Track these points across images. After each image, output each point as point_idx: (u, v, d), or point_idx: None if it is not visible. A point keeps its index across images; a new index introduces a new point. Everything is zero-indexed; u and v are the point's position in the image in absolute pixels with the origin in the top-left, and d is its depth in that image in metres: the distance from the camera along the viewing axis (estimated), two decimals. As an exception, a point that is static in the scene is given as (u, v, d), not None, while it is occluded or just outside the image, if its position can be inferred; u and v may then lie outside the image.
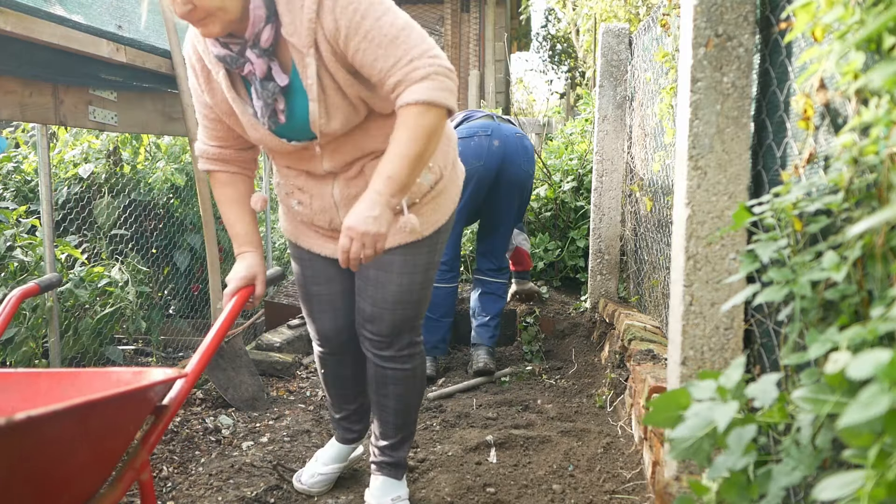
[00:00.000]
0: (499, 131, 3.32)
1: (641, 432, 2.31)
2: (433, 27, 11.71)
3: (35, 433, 1.06)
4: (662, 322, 2.67)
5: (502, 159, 3.28)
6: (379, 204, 1.49)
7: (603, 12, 5.68)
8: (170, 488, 2.18)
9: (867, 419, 0.64)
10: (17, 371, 1.52)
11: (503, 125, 3.39)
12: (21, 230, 2.92)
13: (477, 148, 3.27)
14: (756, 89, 1.50)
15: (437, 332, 3.42)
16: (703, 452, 0.94)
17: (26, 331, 2.71)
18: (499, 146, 3.28)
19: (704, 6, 1.46)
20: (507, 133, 3.34)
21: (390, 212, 1.51)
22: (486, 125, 3.34)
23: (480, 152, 3.26)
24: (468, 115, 3.52)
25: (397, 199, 1.52)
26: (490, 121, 3.39)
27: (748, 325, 1.53)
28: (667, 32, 2.37)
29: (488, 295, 3.54)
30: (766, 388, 0.94)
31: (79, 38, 2.41)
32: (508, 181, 3.33)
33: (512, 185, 3.35)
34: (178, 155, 3.90)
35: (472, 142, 3.28)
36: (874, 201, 0.91)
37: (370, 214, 1.48)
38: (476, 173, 3.24)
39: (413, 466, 2.33)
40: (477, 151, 3.26)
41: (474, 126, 3.35)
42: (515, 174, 3.33)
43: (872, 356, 0.67)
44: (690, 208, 1.50)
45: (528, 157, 3.39)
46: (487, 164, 3.26)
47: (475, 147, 3.26)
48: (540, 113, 13.20)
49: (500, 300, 3.55)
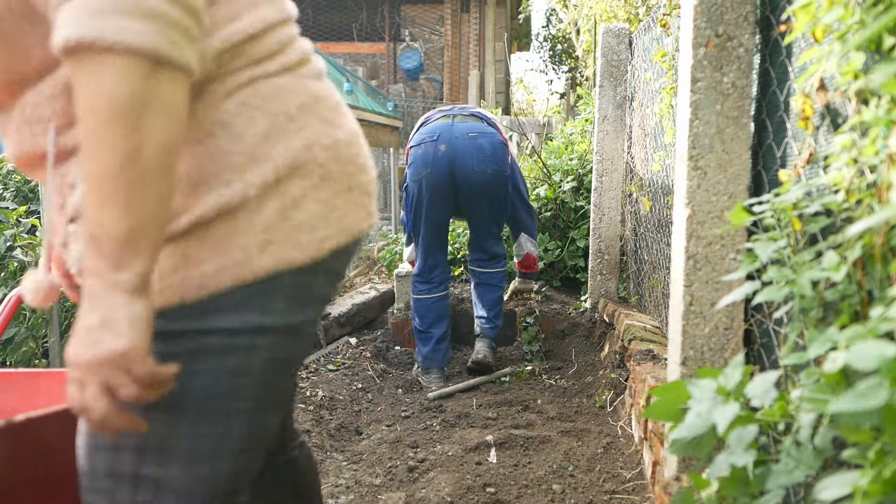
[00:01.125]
0: (448, 134, 3.22)
1: (641, 432, 2.31)
2: (433, 27, 11.71)
3: (35, 434, 1.06)
4: (662, 322, 2.67)
5: (451, 163, 3.19)
6: (99, 299, 0.76)
7: (603, 12, 5.68)
8: (170, 488, 2.18)
9: (863, 410, 0.64)
10: (17, 371, 1.53)
11: (456, 126, 3.26)
12: (21, 230, 2.92)
13: (424, 155, 3.21)
14: (756, 89, 1.51)
15: (427, 344, 3.37)
16: (704, 448, 0.94)
17: (26, 331, 2.71)
18: (445, 150, 3.18)
19: (704, 6, 1.46)
20: (457, 135, 3.22)
21: (129, 299, 0.76)
22: (435, 129, 3.25)
23: (427, 159, 3.20)
24: (427, 118, 3.46)
25: (132, 266, 0.76)
26: (445, 121, 3.29)
27: (748, 326, 1.53)
28: (667, 32, 2.37)
29: (482, 286, 3.51)
30: (766, 388, 0.95)
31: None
32: (465, 184, 3.23)
33: (470, 187, 3.23)
34: (178, 155, 3.89)
35: (420, 150, 3.24)
36: (874, 201, 0.91)
37: (88, 326, 0.76)
38: (426, 181, 3.20)
39: (413, 466, 2.33)
40: (424, 159, 3.20)
41: (424, 132, 3.29)
42: (469, 176, 3.21)
43: (877, 348, 0.67)
44: (690, 208, 1.50)
45: (483, 156, 3.22)
46: (435, 171, 3.18)
47: (423, 155, 3.21)
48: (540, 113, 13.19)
49: (494, 290, 3.51)
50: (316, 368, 3.45)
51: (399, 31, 11.77)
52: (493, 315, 3.49)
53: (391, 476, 2.29)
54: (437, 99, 11.36)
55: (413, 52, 11.31)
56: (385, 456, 2.45)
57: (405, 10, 11.76)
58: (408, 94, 11.31)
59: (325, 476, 2.33)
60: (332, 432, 2.71)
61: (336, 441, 2.66)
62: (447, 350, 3.44)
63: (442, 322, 3.40)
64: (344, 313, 4.03)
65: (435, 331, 3.37)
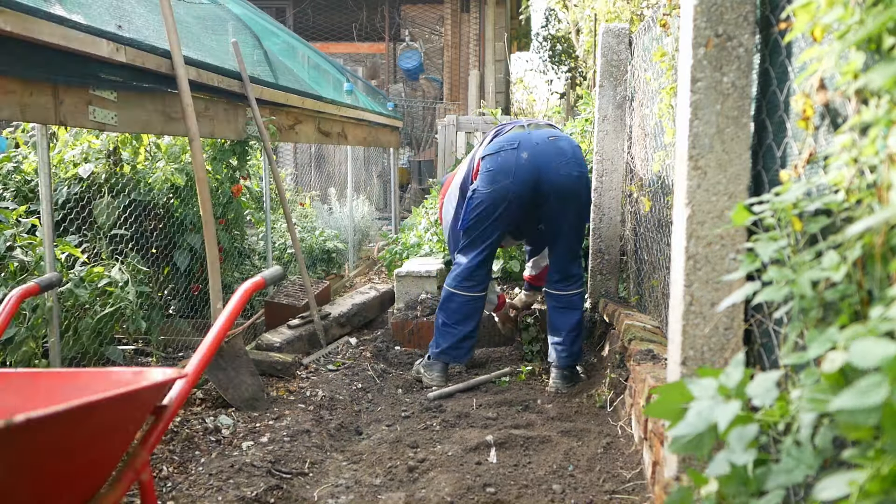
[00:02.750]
0: (528, 141, 3.16)
1: (641, 432, 2.31)
2: (433, 27, 11.71)
3: (35, 434, 1.06)
4: (662, 322, 2.67)
5: (535, 170, 3.10)
6: None
7: (607, 13, 5.68)
8: (170, 488, 2.18)
9: (863, 407, 0.64)
10: (17, 371, 1.53)
11: (533, 133, 3.22)
12: (21, 230, 2.92)
13: (504, 163, 3.13)
14: (756, 89, 1.50)
15: (450, 338, 3.30)
16: (704, 446, 0.94)
17: (26, 331, 2.71)
18: (528, 158, 3.11)
19: (704, 6, 1.46)
20: (537, 140, 3.16)
21: None
22: (514, 137, 3.20)
23: (508, 168, 3.12)
24: (499, 129, 3.40)
25: None
26: (520, 131, 3.24)
27: (748, 326, 1.53)
28: (667, 32, 2.37)
29: (558, 310, 3.30)
30: (767, 387, 0.94)
31: (79, 38, 2.41)
32: (554, 191, 3.12)
33: (561, 194, 3.13)
34: (178, 155, 3.90)
35: (499, 157, 3.15)
36: (874, 201, 0.91)
37: None
38: (506, 191, 3.12)
39: (413, 466, 2.33)
40: (504, 167, 3.13)
41: (500, 140, 3.23)
42: (557, 182, 3.11)
43: (878, 346, 0.67)
44: (690, 208, 1.50)
45: (566, 159, 3.15)
46: (518, 180, 3.10)
47: (503, 162, 3.14)
48: (540, 113, 13.18)
49: (571, 313, 3.28)
50: (316, 368, 3.45)
51: (399, 31, 11.76)
52: (571, 340, 3.25)
53: (391, 476, 2.29)
54: (437, 99, 11.35)
55: (413, 52, 11.31)
56: (385, 456, 2.45)
57: (405, 10, 11.76)
58: (408, 94, 11.30)
59: (325, 476, 2.33)
60: (332, 432, 2.70)
61: (336, 441, 2.65)
62: (471, 349, 3.37)
63: (470, 321, 3.32)
64: (344, 313, 4.03)
65: (462, 328, 3.30)
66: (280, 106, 4.24)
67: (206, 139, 3.68)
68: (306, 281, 3.87)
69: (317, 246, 5.75)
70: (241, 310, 1.76)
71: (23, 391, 1.50)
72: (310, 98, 4.63)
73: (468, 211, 3.27)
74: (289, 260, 5.31)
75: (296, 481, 2.27)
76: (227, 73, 3.49)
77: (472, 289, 3.28)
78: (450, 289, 3.33)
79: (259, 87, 3.82)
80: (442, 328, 3.32)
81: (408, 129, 10.32)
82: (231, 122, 3.68)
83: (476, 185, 3.24)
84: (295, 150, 8.99)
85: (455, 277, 3.31)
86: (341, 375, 3.38)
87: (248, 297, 1.80)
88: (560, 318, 3.28)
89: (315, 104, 4.73)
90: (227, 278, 3.99)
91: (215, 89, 3.41)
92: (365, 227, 7.19)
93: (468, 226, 3.29)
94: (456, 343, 3.30)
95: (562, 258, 3.31)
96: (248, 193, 4.37)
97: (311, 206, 6.83)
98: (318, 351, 3.67)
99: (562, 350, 3.24)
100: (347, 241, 6.31)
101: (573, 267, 3.32)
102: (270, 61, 4.36)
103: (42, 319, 2.75)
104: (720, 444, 0.98)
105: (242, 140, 3.84)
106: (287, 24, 11.38)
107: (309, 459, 2.42)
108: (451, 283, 3.33)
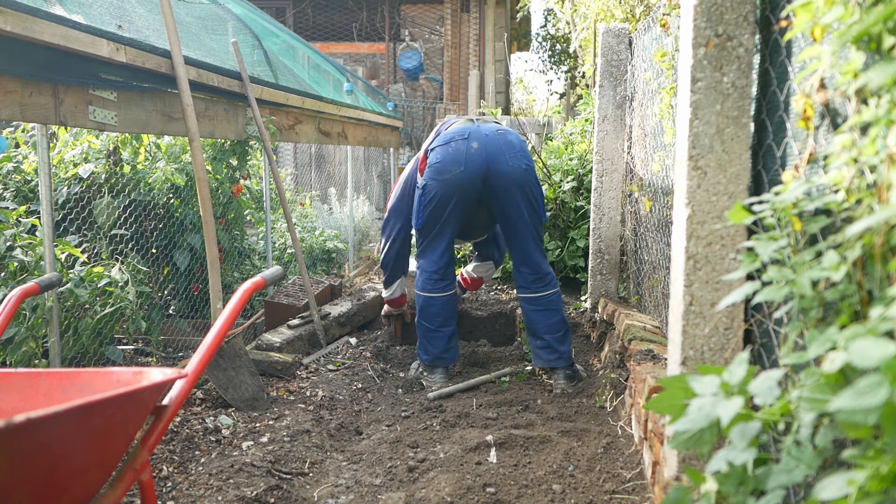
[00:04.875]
0: (477, 133, 3.21)
1: (641, 432, 2.31)
2: (433, 27, 11.71)
3: (35, 435, 1.06)
4: (662, 322, 2.67)
5: (486, 161, 3.15)
6: None
7: (600, 12, 5.69)
8: (170, 488, 2.18)
9: (863, 407, 0.64)
10: (17, 371, 1.52)
11: (482, 126, 3.27)
12: (21, 230, 2.92)
13: (455, 153, 3.17)
14: (756, 89, 1.51)
15: (438, 343, 3.33)
16: (705, 443, 0.94)
17: (26, 331, 2.71)
18: (478, 148, 3.16)
19: (704, 6, 1.46)
20: (486, 132, 3.22)
21: None
22: (464, 129, 3.24)
23: (458, 157, 3.16)
24: (448, 121, 3.45)
25: None
26: (469, 124, 3.29)
27: (748, 326, 1.53)
28: (667, 32, 2.37)
29: (538, 311, 3.24)
30: (770, 385, 0.94)
31: (79, 38, 2.41)
32: (501, 181, 3.17)
33: (508, 185, 3.17)
34: (178, 155, 3.90)
35: (450, 147, 3.19)
36: (874, 201, 0.91)
37: None
38: (457, 181, 3.16)
39: (413, 466, 2.33)
40: (455, 157, 3.17)
41: (450, 132, 3.27)
42: (505, 172, 3.16)
43: (878, 346, 0.67)
44: (690, 208, 1.50)
45: (514, 151, 3.20)
46: (468, 169, 3.14)
47: (453, 153, 3.17)
48: (540, 113, 13.18)
49: (551, 313, 3.22)
50: (316, 368, 3.45)
51: (399, 31, 11.76)
52: (558, 339, 3.19)
53: (391, 476, 2.29)
54: (437, 99, 11.35)
55: (413, 52, 11.31)
56: (385, 456, 2.45)
57: (405, 10, 11.75)
58: (408, 93, 11.31)
59: (325, 476, 2.33)
60: (332, 432, 2.71)
61: (336, 441, 2.66)
62: (456, 347, 3.42)
63: (452, 320, 3.37)
64: (344, 313, 4.03)
65: (447, 328, 3.34)
66: (280, 106, 4.24)
67: (206, 139, 3.68)
68: (306, 281, 3.87)
69: (317, 246, 5.75)
70: (241, 310, 1.76)
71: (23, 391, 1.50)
72: (310, 98, 4.63)
73: (421, 208, 3.28)
74: (289, 260, 5.31)
75: (296, 481, 2.27)
76: (227, 73, 3.49)
77: (446, 288, 3.34)
78: (426, 294, 3.35)
79: (259, 86, 3.82)
80: (428, 334, 3.35)
81: (408, 129, 10.32)
82: (231, 122, 3.68)
83: (425, 178, 3.25)
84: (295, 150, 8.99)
85: (427, 281, 3.34)
86: (341, 375, 3.38)
87: (248, 297, 1.80)
88: (541, 319, 3.23)
89: (315, 104, 4.73)
90: (227, 278, 3.99)
91: (215, 89, 3.41)
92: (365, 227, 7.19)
93: (423, 224, 3.31)
94: (445, 345, 3.35)
95: (527, 250, 3.27)
96: (248, 193, 4.37)
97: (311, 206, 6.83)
98: (318, 351, 3.67)
99: (549, 353, 3.21)
100: (347, 241, 6.31)
101: (544, 263, 3.30)
102: (270, 61, 4.37)
103: (42, 319, 2.75)
104: (720, 443, 0.98)
105: (242, 140, 3.84)
106: (287, 24, 11.38)
107: (309, 459, 2.42)
108: (425, 288, 3.35)
